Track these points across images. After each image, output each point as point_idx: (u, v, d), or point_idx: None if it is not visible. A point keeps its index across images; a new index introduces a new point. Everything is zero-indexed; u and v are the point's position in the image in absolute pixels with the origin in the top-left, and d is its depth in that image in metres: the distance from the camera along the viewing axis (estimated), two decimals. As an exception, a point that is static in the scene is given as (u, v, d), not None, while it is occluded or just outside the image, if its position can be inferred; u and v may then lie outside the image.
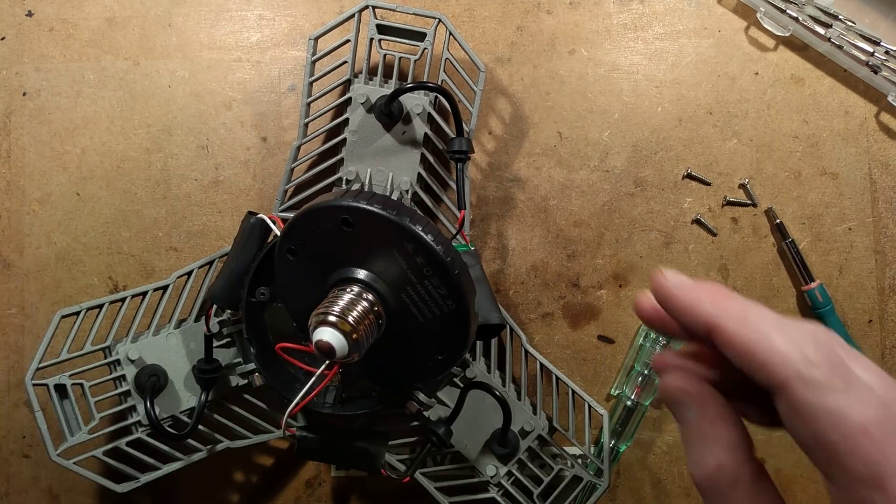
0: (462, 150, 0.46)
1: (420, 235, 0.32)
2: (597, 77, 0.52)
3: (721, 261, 0.52)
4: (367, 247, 0.34)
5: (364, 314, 0.33)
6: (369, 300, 0.34)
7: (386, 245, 0.33)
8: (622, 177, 0.52)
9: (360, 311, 0.33)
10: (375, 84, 0.48)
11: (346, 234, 0.33)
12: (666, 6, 0.53)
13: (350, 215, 0.33)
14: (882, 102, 0.52)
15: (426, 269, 0.33)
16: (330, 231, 0.33)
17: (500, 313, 0.45)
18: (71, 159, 0.52)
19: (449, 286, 0.34)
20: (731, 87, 0.52)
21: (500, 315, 0.45)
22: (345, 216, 0.33)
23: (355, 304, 0.33)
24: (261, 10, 0.53)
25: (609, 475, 0.47)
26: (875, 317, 0.52)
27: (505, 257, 0.52)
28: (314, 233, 0.35)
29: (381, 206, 0.33)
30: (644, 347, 0.50)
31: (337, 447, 0.44)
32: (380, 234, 0.33)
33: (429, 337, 0.36)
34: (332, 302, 0.33)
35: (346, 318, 0.32)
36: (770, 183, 0.52)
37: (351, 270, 0.34)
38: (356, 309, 0.33)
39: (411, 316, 0.35)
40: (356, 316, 0.33)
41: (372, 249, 0.34)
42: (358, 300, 0.33)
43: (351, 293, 0.33)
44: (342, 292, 0.34)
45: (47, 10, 0.52)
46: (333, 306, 0.33)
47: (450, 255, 0.33)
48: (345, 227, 0.33)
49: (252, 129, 0.52)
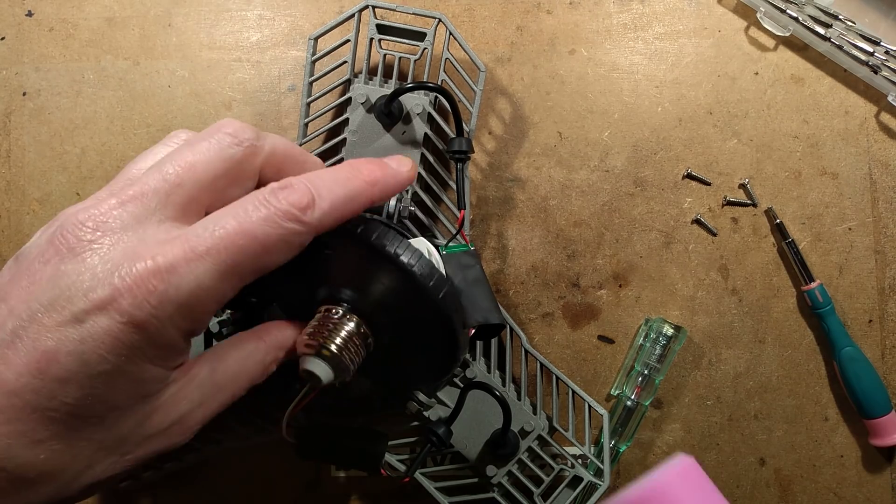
0: (462, 150, 0.46)
1: (400, 261, 0.31)
2: (597, 77, 0.52)
3: (721, 261, 0.52)
4: (351, 267, 0.33)
5: (349, 337, 0.32)
6: (355, 321, 0.33)
7: (368, 267, 0.33)
8: (622, 177, 0.52)
9: (346, 335, 0.32)
10: (375, 84, 0.48)
11: (327, 255, 0.32)
12: (666, 6, 0.53)
13: (328, 239, 0.31)
14: (882, 102, 0.52)
15: (409, 292, 0.33)
16: (313, 249, 0.32)
17: (501, 313, 0.45)
18: (71, 159, 0.52)
19: (433, 309, 0.33)
20: (731, 87, 0.52)
21: (501, 315, 0.45)
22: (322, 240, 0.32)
23: (340, 327, 0.32)
24: (261, 10, 0.53)
25: (609, 475, 0.47)
26: (875, 317, 0.52)
27: (505, 257, 0.52)
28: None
29: (359, 229, 0.31)
30: (644, 347, 0.50)
31: (337, 447, 0.44)
32: (360, 257, 0.32)
33: (419, 351, 0.36)
34: (318, 329, 0.32)
35: (328, 346, 0.31)
36: (770, 183, 0.52)
37: (336, 290, 0.33)
38: (341, 334, 0.32)
39: (399, 333, 0.35)
40: (340, 342, 0.32)
41: (355, 270, 0.33)
42: (342, 323, 0.32)
43: (335, 316, 0.33)
44: (328, 315, 0.33)
45: (47, 10, 0.52)
46: (318, 334, 0.32)
47: (431, 279, 0.32)
48: (325, 251, 0.32)
49: (252, 129, 0.52)
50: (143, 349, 0.23)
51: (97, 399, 0.23)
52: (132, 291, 0.22)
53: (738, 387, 0.52)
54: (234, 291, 0.25)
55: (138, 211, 0.25)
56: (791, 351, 0.52)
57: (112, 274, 0.22)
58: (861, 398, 0.50)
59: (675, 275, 0.52)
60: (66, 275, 0.23)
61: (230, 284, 0.24)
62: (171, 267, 0.23)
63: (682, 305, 0.52)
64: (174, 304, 0.23)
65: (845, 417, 0.52)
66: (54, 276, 0.23)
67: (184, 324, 0.24)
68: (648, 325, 0.51)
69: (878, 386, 0.50)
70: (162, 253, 0.23)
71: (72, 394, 0.22)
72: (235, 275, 0.24)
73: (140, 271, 0.22)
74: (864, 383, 0.49)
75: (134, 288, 0.22)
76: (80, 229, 0.24)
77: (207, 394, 0.27)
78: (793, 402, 0.52)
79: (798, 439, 0.52)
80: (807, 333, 0.52)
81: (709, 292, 0.52)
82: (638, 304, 0.52)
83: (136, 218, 0.24)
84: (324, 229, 0.27)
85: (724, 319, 0.52)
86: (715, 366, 0.52)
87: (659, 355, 0.50)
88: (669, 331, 0.50)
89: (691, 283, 0.52)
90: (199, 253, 0.23)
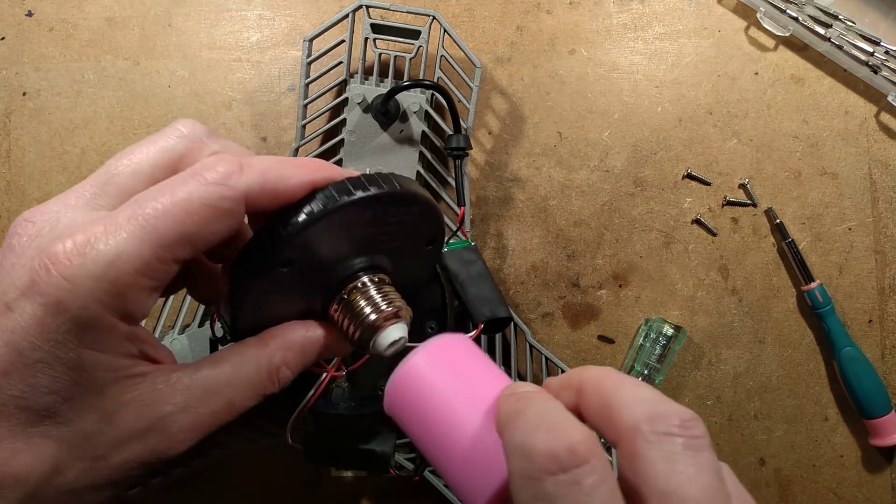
0: (460, 147, 0.46)
1: (356, 202, 0.28)
2: (597, 77, 0.52)
3: (721, 261, 0.52)
4: (339, 238, 0.31)
5: (396, 291, 0.31)
6: (385, 279, 0.32)
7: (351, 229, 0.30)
8: (622, 177, 0.52)
9: (392, 288, 0.31)
10: (371, 83, 0.48)
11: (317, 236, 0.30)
12: (666, 6, 0.53)
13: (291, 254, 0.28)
14: (882, 102, 0.52)
15: (382, 213, 0.30)
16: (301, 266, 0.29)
17: (507, 306, 0.45)
18: (71, 159, 0.52)
19: (402, 206, 0.30)
20: (731, 87, 0.52)
21: (507, 308, 0.45)
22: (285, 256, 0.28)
23: (384, 285, 0.31)
24: (261, 10, 0.53)
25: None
26: (875, 317, 0.52)
27: (505, 257, 0.52)
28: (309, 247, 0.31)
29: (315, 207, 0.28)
30: (644, 347, 0.50)
31: (345, 449, 0.43)
32: (336, 226, 0.29)
33: (412, 243, 0.34)
34: (375, 300, 0.30)
35: (398, 305, 0.30)
36: (770, 183, 0.52)
37: (344, 265, 0.31)
38: (392, 290, 0.31)
39: (401, 257, 0.33)
40: (399, 296, 0.31)
41: (345, 238, 0.31)
42: (382, 282, 0.31)
43: (373, 282, 0.31)
44: (365, 286, 0.31)
45: (47, 10, 0.52)
46: (383, 302, 0.30)
47: (386, 183, 0.29)
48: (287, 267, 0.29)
49: (252, 129, 0.52)
50: (74, 332, 0.22)
51: (42, 390, 0.22)
52: (48, 271, 0.22)
53: (738, 387, 0.52)
54: (163, 263, 0.23)
55: (74, 201, 0.24)
56: (791, 351, 0.52)
57: (33, 259, 0.22)
58: (861, 398, 0.50)
59: (675, 275, 0.52)
60: (2, 269, 0.23)
61: (153, 252, 0.23)
62: (87, 241, 0.22)
63: (682, 305, 0.52)
64: (93, 279, 0.22)
65: (845, 417, 0.52)
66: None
67: (109, 300, 0.22)
68: (648, 325, 0.51)
69: (877, 386, 0.50)
70: (83, 230, 0.22)
71: (16, 385, 0.22)
72: (159, 241, 0.23)
73: (57, 251, 0.22)
74: (864, 383, 0.49)
75: (50, 267, 0.22)
76: (22, 225, 0.24)
77: (194, 397, 0.26)
78: (793, 402, 0.52)
79: (798, 439, 0.52)
80: (807, 333, 0.52)
81: (709, 292, 0.52)
82: (638, 304, 0.52)
83: (73, 208, 0.24)
84: (255, 197, 0.25)
85: (724, 319, 0.52)
86: (715, 366, 0.52)
87: (659, 355, 0.50)
88: (669, 331, 0.50)
89: (691, 283, 0.52)
90: (119, 223, 0.22)
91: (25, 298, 0.22)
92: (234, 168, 0.24)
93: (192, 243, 0.24)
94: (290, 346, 0.29)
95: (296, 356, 0.29)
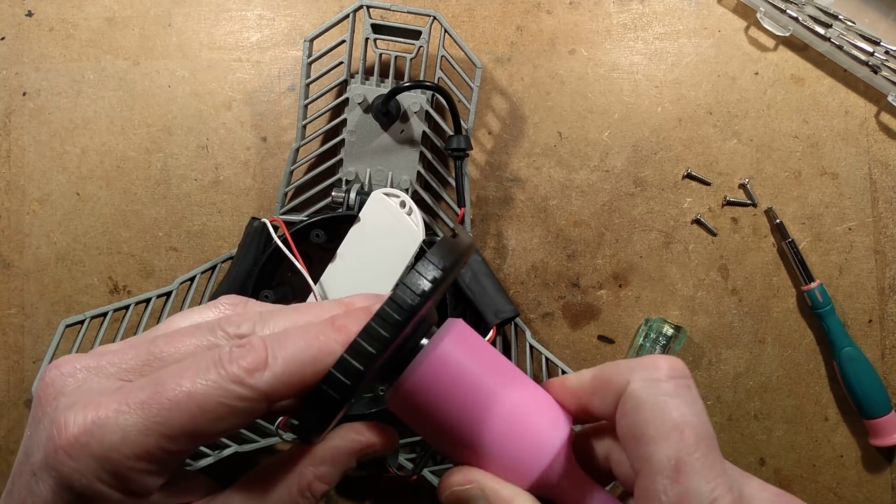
0: (460, 148, 0.46)
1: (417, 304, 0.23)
2: (597, 77, 0.52)
3: (721, 261, 0.52)
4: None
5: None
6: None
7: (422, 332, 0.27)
8: (622, 177, 0.52)
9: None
10: (372, 84, 0.48)
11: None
12: (666, 6, 0.53)
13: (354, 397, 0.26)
14: (882, 102, 0.52)
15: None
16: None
17: (512, 304, 0.46)
18: (71, 159, 0.52)
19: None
20: (731, 87, 0.52)
21: (513, 306, 0.47)
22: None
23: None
24: (261, 10, 0.53)
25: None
26: (875, 317, 0.52)
27: (505, 257, 0.52)
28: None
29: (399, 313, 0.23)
30: (644, 347, 0.50)
31: None
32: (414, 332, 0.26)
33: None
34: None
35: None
36: (770, 183, 0.52)
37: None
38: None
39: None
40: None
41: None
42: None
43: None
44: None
45: (47, 10, 0.52)
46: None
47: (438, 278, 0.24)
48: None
49: (252, 129, 0.52)
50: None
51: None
52: (56, 448, 0.22)
53: (738, 387, 0.52)
54: (167, 453, 0.23)
55: (95, 364, 0.24)
56: (791, 351, 0.52)
57: (51, 425, 0.23)
58: (861, 398, 0.50)
59: (675, 275, 0.52)
60: (34, 419, 0.24)
61: (157, 443, 0.22)
62: (98, 420, 0.22)
63: (682, 305, 0.52)
64: (95, 458, 0.22)
65: (845, 417, 0.52)
66: (28, 434, 0.24)
67: (109, 479, 0.22)
68: (648, 325, 0.51)
69: (877, 386, 0.50)
70: (96, 404, 0.23)
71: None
72: (165, 433, 0.22)
73: (69, 424, 0.23)
74: (864, 383, 0.49)
75: (59, 444, 0.22)
76: (45, 389, 0.24)
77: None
78: (793, 402, 0.52)
79: (798, 439, 0.52)
80: (807, 333, 0.52)
81: (709, 292, 0.52)
82: (638, 304, 0.52)
83: (93, 372, 0.24)
84: (277, 394, 0.23)
85: (724, 319, 0.52)
86: (715, 366, 0.52)
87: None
88: (669, 331, 0.50)
89: (691, 283, 0.52)
90: (131, 405, 0.22)
91: (43, 470, 0.23)
92: (259, 361, 0.23)
93: (202, 438, 0.23)
94: (322, 460, 0.27)
95: (329, 468, 0.27)
